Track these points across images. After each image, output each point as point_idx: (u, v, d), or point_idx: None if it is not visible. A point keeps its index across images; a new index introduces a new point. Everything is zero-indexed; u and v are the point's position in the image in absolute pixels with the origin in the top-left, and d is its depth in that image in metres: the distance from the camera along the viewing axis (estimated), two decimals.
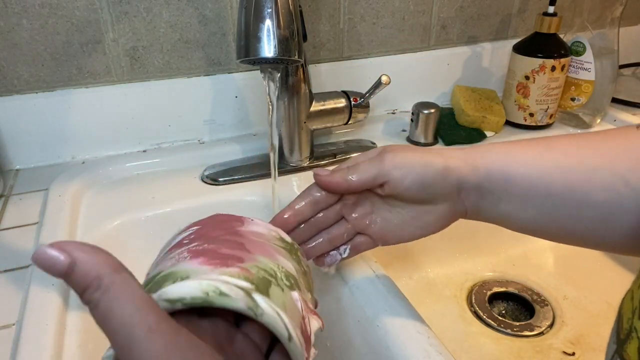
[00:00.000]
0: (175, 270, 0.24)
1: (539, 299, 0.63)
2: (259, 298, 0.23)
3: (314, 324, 0.27)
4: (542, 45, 0.68)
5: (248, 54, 0.42)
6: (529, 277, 0.66)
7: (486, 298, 0.63)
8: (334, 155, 0.63)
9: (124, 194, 0.55)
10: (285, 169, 0.60)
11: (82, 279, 0.18)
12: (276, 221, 0.36)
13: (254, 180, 0.58)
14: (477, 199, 0.35)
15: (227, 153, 0.63)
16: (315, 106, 0.60)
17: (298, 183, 0.58)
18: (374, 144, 0.66)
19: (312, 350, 0.27)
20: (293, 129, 0.59)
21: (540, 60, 0.67)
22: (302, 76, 0.56)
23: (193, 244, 0.27)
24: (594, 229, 0.33)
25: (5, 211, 0.52)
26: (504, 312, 0.62)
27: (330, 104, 0.61)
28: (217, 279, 0.23)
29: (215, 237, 0.28)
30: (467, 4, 0.75)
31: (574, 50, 0.70)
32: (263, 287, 0.24)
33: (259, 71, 0.47)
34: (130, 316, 0.18)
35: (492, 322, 0.59)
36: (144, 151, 0.63)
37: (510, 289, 0.64)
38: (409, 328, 0.37)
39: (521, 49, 0.69)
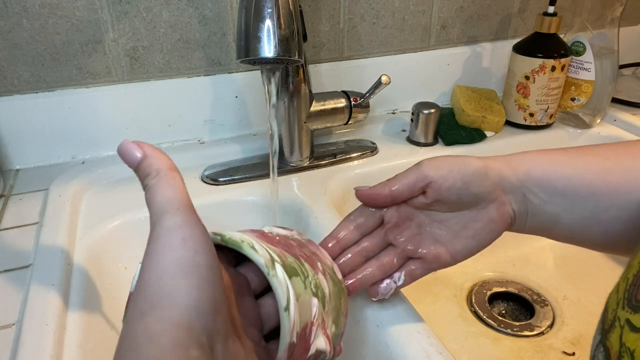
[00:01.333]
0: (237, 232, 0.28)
1: (539, 299, 0.63)
2: (279, 267, 0.25)
3: (320, 341, 0.27)
4: (542, 45, 0.68)
5: (248, 54, 0.42)
6: (529, 277, 0.66)
7: (486, 298, 0.63)
8: (334, 155, 0.63)
9: (124, 194, 0.55)
10: (286, 169, 0.60)
11: (146, 168, 0.24)
12: None
13: (254, 180, 0.58)
14: (522, 200, 0.35)
15: (227, 153, 0.63)
16: (315, 106, 0.60)
17: (298, 183, 0.58)
18: (374, 144, 0.66)
19: None
20: (293, 129, 0.59)
21: (540, 60, 0.67)
22: (302, 76, 0.56)
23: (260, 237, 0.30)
24: (637, 232, 0.32)
25: (5, 211, 0.52)
26: (504, 312, 0.62)
27: (330, 104, 0.61)
28: (257, 241, 0.26)
29: (279, 239, 0.31)
30: (467, 4, 0.75)
31: (574, 50, 0.70)
32: (289, 269, 0.26)
33: (259, 71, 0.47)
34: (167, 197, 0.23)
35: (492, 322, 0.59)
36: None
37: (510, 289, 0.64)
38: (409, 328, 0.37)
39: (521, 49, 0.69)
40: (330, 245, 0.36)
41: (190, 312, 0.19)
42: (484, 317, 0.60)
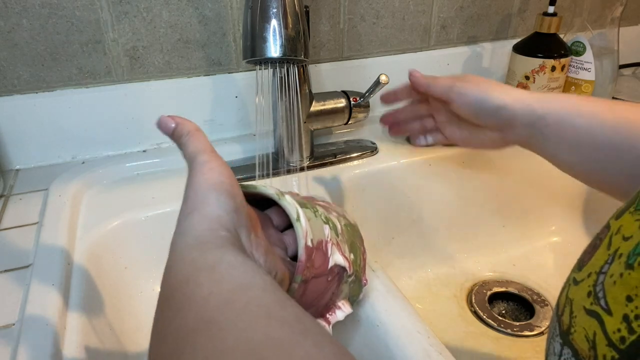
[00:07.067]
0: None
1: (539, 299, 0.63)
2: (287, 196, 0.32)
3: (338, 257, 0.32)
4: (542, 45, 0.68)
5: (255, 54, 0.42)
6: (529, 277, 0.66)
7: (486, 298, 0.63)
8: (335, 155, 0.63)
9: (124, 194, 0.55)
10: (286, 169, 0.60)
11: (179, 132, 0.32)
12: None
13: (254, 180, 0.58)
14: (527, 136, 0.42)
15: (227, 153, 0.63)
16: (315, 106, 0.60)
17: (298, 183, 0.58)
18: (374, 143, 0.66)
19: (344, 299, 0.35)
20: (293, 129, 0.59)
21: (540, 60, 0.67)
22: (302, 76, 0.56)
23: None
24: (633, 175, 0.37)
25: (5, 211, 0.52)
26: (504, 312, 0.62)
27: (330, 104, 0.61)
28: (270, 186, 0.33)
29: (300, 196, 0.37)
30: (467, 4, 0.75)
31: (574, 50, 0.70)
32: (299, 202, 0.32)
33: (259, 71, 0.47)
34: (196, 147, 0.31)
35: (492, 322, 0.59)
36: (144, 151, 0.63)
37: (510, 289, 0.64)
38: (409, 328, 0.37)
39: (521, 49, 0.69)
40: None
41: (218, 211, 0.27)
42: (484, 317, 0.60)
